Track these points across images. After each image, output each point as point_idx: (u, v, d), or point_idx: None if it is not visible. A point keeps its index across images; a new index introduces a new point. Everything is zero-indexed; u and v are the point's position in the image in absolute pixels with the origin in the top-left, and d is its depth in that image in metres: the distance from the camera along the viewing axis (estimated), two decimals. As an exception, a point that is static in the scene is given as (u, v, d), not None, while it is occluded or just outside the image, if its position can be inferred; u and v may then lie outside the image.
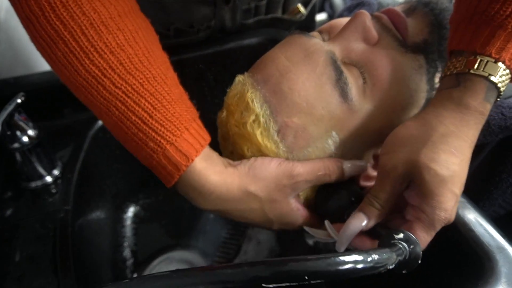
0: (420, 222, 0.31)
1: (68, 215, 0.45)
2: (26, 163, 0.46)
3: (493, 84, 0.31)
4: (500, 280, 0.29)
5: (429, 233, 0.31)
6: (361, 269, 0.22)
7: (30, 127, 0.46)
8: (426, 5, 0.42)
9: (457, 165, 0.30)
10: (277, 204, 0.36)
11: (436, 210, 0.30)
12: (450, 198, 0.30)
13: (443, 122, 0.31)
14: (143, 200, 0.70)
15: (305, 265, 0.21)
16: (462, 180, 0.31)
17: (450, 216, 0.30)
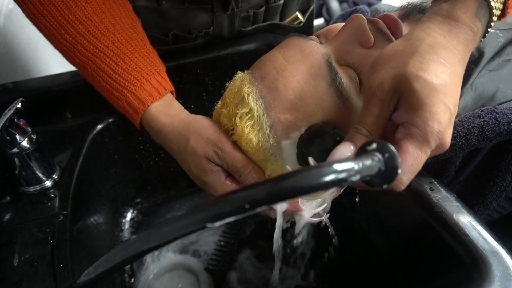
0: (411, 138, 0.27)
1: (66, 219, 0.45)
2: (25, 168, 0.46)
3: (486, 1, 0.29)
4: (494, 284, 0.30)
5: (423, 150, 0.27)
6: (335, 179, 0.20)
7: (29, 132, 0.46)
8: (420, 11, 0.42)
9: (447, 75, 0.27)
10: (197, 159, 0.39)
11: (428, 121, 0.26)
12: (443, 110, 0.27)
13: (430, 33, 0.29)
14: (141, 204, 0.70)
15: (292, 181, 0.20)
16: (455, 95, 0.28)
17: (443, 131, 0.27)
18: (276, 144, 0.37)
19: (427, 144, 0.27)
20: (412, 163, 0.27)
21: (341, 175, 0.21)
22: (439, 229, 0.36)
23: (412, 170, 0.27)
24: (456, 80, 0.28)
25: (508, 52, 0.50)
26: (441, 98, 0.27)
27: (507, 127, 0.39)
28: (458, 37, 0.29)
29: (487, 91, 0.46)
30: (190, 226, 0.21)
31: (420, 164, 0.27)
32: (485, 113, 0.41)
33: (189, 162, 0.40)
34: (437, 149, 0.28)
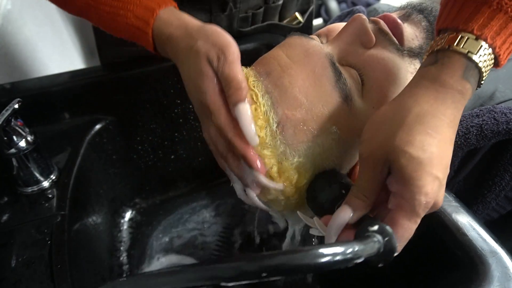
0: (401, 210, 0.29)
1: (64, 220, 0.45)
2: (22, 168, 0.46)
3: (473, 62, 0.29)
4: (493, 284, 0.30)
5: (412, 220, 0.29)
6: (337, 261, 0.22)
7: (27, 132, 0.46)
8: (420, 12, 0.43)
9: (434, 146, 0.28)
10: (198, 58, 0.36)
11: (415, 195, 0.28)
12: (429, 181, 0.28)
13: (417, 101, 0.30)
14: (140, 204, 0.70)
15: (281, 259, 0.21)
16: (444, 162, 0.29)
17: (432, 200, 0.28)
18: (285, 143, 0.36)
19: (416, 215, 0.28)
20: (403, 233, 0.29)
21: (348, 256, 0.23)
22: (438, 229, 0.36)
23: (403, 239, 0.29)
24: (445, 146, 0.29)
25: (507, 52, 0.50)
26: (427, 171, 0.28)
27: (506, 126, 0.39)
28: (446, 102, 0.29)
29: (486, 90, 0.46)
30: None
31: (411, 232, 0.29)
32: (484, 112, 0.41)
33: (190, 64, 0.37)
34: (430, 210, 0.30)
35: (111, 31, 0.45)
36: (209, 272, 0.21)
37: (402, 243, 0.29)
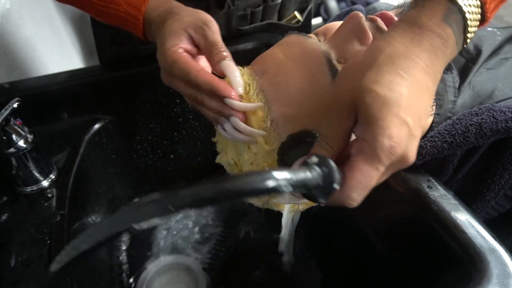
0: (361, 153, 0.26)
1: (63, 219, 0.45)
2: (21, 168, 0.46)
3: (456, 5, 0.27)
4: (492, 281, 0.30)
5: (373, 165, 0.26)
6: (265, 187, 0.22)
7: (26, 132, 0.46)
8: None
9: (404, 87, 0.26)
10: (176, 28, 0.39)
11: (378, 136, 0.25)
12: (395, 124, 0.25)
13: (391, 42, 0.28)
14: (139, 204, 0.70)
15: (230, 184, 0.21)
16: (415, 107, 0.26)
17: (398, 147, 0.26)
18: (279, 140, 0.37)
19: (377, 159, 0.26)
20: (361, 179, 0.26)
21: (271, 184, 0.21)
22: (437, 227, 0.36)
23: (361, 186, 0.26)
24: (417, 90, 0.27)
25: (506, 50, 0.50)
26: (394, 112, 0.26)
27: (505, 125, 0.39)
28: (422, 44, 0.27)
29: (485, 89, 0.46)
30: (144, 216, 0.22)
31: (371, 180, 0.26)
32: (483, 111, 0.41)
33: (172, 29, 0.39)
34: (399, 164, 0.27)
35: (102, 17, 0.46)
36: (170, 200, 0.21)
37: (360, 190, 0.27)
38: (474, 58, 0.48)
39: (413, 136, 0.27)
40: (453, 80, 0.46)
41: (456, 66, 0.49)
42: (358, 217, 0.52)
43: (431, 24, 0.27)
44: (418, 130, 0.27)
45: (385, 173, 0.27)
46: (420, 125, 0.27)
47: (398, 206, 0.44)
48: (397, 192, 0.42)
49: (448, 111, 0.45)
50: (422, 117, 0.27)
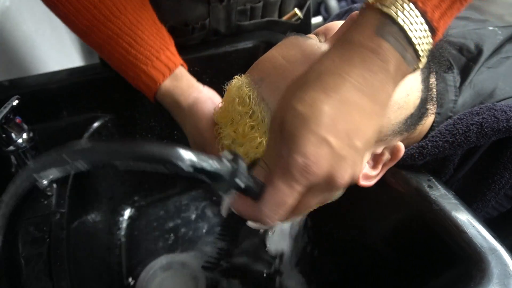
0: (277, 168, 0.26)
1: (63, 217, 0.45)
2: (21, 166, 0.46)
3: (388, 17, 0.26)
4: (492, 281, 0.30)
5: (286, 182, 0.25)
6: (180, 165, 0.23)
7: (25, 129, 0.45)
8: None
9: (327, 104, 0.25)
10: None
11: (292, 153, 0.24)
12: (312, 142, 0.24)
13: (322, 60, 0.27)
14: (139, 202, 0.70)
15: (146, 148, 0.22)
16: (339, 125, 0.25)
17: (316, 166, 0.24)
18: None
19: (290, 177, 0.25)
20: (274, 195, 0.25)
21: (173, 156, 0.22)
22: (437, 226, 0.36)
23: (274, 202, 0.26)
24: (344, 108, 0.25)
25: (507, 49, 0.50)
26: (312, 129, 0.24)
27: (506, 124, 0.39)
28: (352, 61, 0.26)
29: (486, 88, 0.46)
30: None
31: (285, 197, 0.25)
32: (483, 110, 0.41)
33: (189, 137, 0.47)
34: (325, 185, 0.26)
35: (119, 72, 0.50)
36: (66, 151, 0.23)
37: (273, 206, 0.26)
38: (475, 57, 0.48)
39: (340, 157, 0.25)
40: (454, 79, 0.46)
41: (456, 65, 0.48)
42: (359, 216, 0.52)
43: (362, 39, 0.26)
44: (347, 151, 0.25)
45: (311, 194, 0.26)
46: (351, 145, 0.25)
47: (399, 205, 0.44)
48: (398, 192, 0.42)
49: (449, 110, 0.45)
50: (354, 136, 0.25)
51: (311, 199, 0.26)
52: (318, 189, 0.26)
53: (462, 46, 0.50)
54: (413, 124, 0.41)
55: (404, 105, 0.39)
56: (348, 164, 0.25)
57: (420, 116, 0.42)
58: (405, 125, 0.40)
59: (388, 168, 0.42)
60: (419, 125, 0.43)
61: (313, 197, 0.26)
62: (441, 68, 0.45)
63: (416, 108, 0.41)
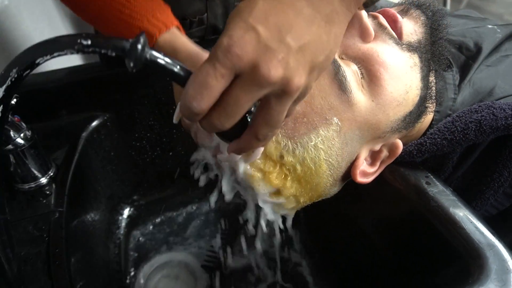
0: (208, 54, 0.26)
1: (62, 216, 0.44)
2: (19, 165, 0.46)
3: None
4: (490, 277, 0.30)
5: (210, 62, 0.25)
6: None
7: (24, 128, 0.45)
8: (418, 7, 0.43)
9: (260, 2, 0.25)
10: None
11: (220, 36, 0.25)
12: (240, 27, 0.25)
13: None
14: (138, 201, 0.70)
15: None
16: (271, 18, 0.25)
17: (237, 47, 0.24)
18: (286, 136, 0.37)
19: (215, 57, 0.25)
20: (197, 75, 0.25)
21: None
22: (436, 223, 0.36)
23: (197, 81, 0.25)
24: (279, 5, 0.26)
25: (506, 47, 0.50)
26: (242, 17, 0.25)
27: (505, 122, 0.39)
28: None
29: (485, 86, 0.46)
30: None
31: (208, 77, 0.25)
32: (482, 108, 0.41)
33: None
34: (249, 75, 0.25)
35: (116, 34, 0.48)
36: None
37: (194, 85, 0.25)
38: (474, 56, 0.48)
39: (267, 47, 0.25)
40: (453, 77, 0.46)
41: (456, 64, 0.49)
42: (357, 213, 0.52)
43: None
44: (277, 44, 0.25)
45: (238, 85, 0.25)
46: (281, 39, 0.25)
47: (397, 202, 0.44)
48: (396, 189, 0.42)
49: (448, 108, 0.45)
50: (286, 33, 0.25)
51: (239, 91, 0.26)
52: (245, 80, 0.25)
53: (461, 44, 0.50)
54: (411, 122, 0.42)
55: (403, 103, 0.39)
56: (275, 58, 0.25)
57: (419, 114, 0.42)
58: (403, 122, 0.41)
59: (386, 165, 0.42)
60: (417, 123, 0.43)
61: (241, 89, 0.26)
62: (441, 66, 0.45)
63: (415, 105, 0.41)
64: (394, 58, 0.38)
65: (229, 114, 0.27)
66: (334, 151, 0.38)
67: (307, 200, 0.41)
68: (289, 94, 0.26)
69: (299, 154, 0.37)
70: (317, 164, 0.38)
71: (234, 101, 0.26)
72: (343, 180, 0.42)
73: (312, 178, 0.39)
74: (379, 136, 0.40)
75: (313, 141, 0.37)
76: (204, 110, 0.26)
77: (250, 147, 0.30)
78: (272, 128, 0.28)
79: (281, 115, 0.27)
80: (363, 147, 0.40)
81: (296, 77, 0.26)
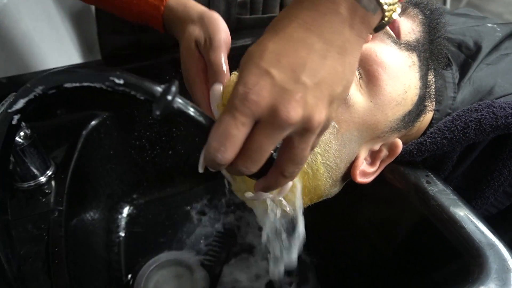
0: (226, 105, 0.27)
1: (61, 215, 0.44)
2: (19, 164, 0.46)
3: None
4: (491, 276, 0.30)
5: (229, 112, 0.25)
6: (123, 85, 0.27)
7: (23, 127, 0.45)
8: (416, 6, 0.43)
9: (272, 41, 0.26)
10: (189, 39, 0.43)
11: (236, 85, 0.25)
12: (254, 73, 0.25)
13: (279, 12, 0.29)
14: (137, 200, 0.70)
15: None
16: (283, 59, 0.25)
17: (254, 93, 0.25)
18: None
19: (233, 107, 0.25)
20: (218, 125, 0.25)
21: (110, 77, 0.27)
22: (436, 222, 0.36)
23: (218, 132, 0.25)
24: (290, 44, 0.26)
25: (506, 46, 0.50)
26: (254, 62, 0.25)
27: (505, 121, 0.39)
28: (302, 4, 0.27)
29: (485, 85, 0.46)
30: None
31: (229, 127, 0.25)
32: (482, 107, 0.41)
33: (183, 44, 0.43)
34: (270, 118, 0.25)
35: (124, 16, 0.49)
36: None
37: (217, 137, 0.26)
38: (474, 54, 0.48)
39: (283, 89, 0.25)
40: (453, 76, 0.46)
41: (455, 62, 0.48)
42: (357, 213, 0.52)
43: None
44: (292, 84, 0.25)
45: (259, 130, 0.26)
46: (296, 79, 0.25)
47: (397, 201, 0.44)
48: (396, 188, 0.42)
49: (448, 107, 0.45)
50: (301, 72, 0.25)
51: (261, 137, 0.26)
52: (265, 125, 0.25)
53: (461, 43, 0.50)
54: (411, 121, 0.42)
55: (402, 102, 0.39)
56: (293, 99, 0.25)
57: (418, 113, 0.42)
58: (403, 122, 0.41)
59: (386, 164, 0.42)
60: (417, 122, 0.43)
61: (263, 135, 0.26)
62: (440, 65, 0.45)
63: (414, 105, 0.41)
64: (393, 57, 0.38)
65: (254, 159, 0.27)
66: (331, 153, 0.38)
67: (307, 202, 0.41)
68: (311, 131, 0.26)
69: None
70: (314, 168, 0.37)
71: (257, 147, 0.26)
72: (343, 180, 0.42)
73: (310, 181, 0.38)
74: (378, 136, 0.40)
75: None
76: (229, 160, 0.26)
77: (278, 185, 0.30)
78: (298, 165, 0.28)
79: (305, 151, 0.28)
80: (362, 147, 0.40)
81: (316, 113, 0.26)
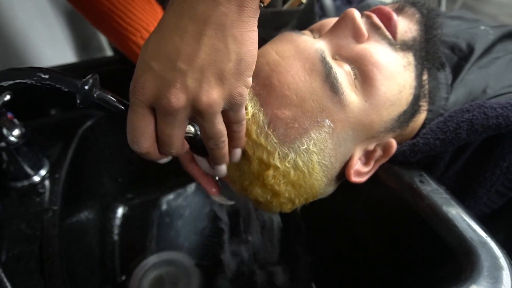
0: None
1: (55, 215, 0.44)
2: (12, 163, 0.46)
3: None
4: (483, 274, 0.30)
5: (130, 108, 0.29)
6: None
7: (17, 125, 0.45)
8: (413, 4, 0.43)
9: (153, 34, 0.27)
10: None
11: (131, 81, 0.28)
12: (140, 68, 0.27)
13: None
14: (132, 200, 0.69)
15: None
16: (160, 50, 0.26)
17: (139, 87, 0.27)
18: (278, 142, 0.37)
19: (130, 101, 0.28)
20: (127, 121, 0.29)
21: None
22: (429, 220, 0.37)
23: (129, 127, 0.29)
24: (165, 33, 0.27)
25: (498, 49, 0.51)
26: (141, 57, 0.27)
27: (496, 121, 0.39)
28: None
29: (477, 87, 0.47)
30: None
31: (134, 121, 0.29)
32: (474, 107, 0.42)
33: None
34: (162, 107, 0.27)
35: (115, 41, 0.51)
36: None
37: (129, 131, 0.30)
38: (466, 56, 0.49)
39: (163, 79, 0.27)
40: (446, 77, 0.47)
41: (449, 64, 0.49)
42: (351, 212, 0.53)
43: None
44: (171, 73, 0.26)
45: (160, 120, 0.28)
46: (174, 67, 0.26)
47: (391, 201, 0.44)
48: (390, 187, 0.42)
49: (441, 107, 0.45)
50: (177, 59, 0.26)
51: (162, 124, 0.28)
52: (159, 113, 0.28)
53: (454, 45, 0.50)
54: (405, 121, 0.42)
55: (397, 102, 0.40)
56: (173, 86, 0.26)
57: (412, 113, 0.42)
58: (397, 122, 0.41)
59: (380, 164, 0.42)
60: (411, 122, 0.43)
61: (162, 122, 0.28)
62: (434, 64, 0.46)
63: (409, 104, 0.41)
64: (388, 58, 0.39)
65: (167, 143, 0.29)
66: (327, 153, 0.38)
67: (302, 201, 0.41)
68: (206, 111, 0.28)
69: (291, 159, 0.37)
70: (309, 167, 0.38)
71: (163, 133, 0.29)
72: (338, 179, 0.42)
73: (305, 180, 0.39)
74: (373, 136, 0.40)
75: (305, 145, 0.37)
76: (147, 147, 0.29)
77: (216, 156, 0.34)
78: (216, 138, 0.31)
79: (213, 127, 0.30)
80: (357, 147, 0.40)
81: (203, 95, 0.27)
